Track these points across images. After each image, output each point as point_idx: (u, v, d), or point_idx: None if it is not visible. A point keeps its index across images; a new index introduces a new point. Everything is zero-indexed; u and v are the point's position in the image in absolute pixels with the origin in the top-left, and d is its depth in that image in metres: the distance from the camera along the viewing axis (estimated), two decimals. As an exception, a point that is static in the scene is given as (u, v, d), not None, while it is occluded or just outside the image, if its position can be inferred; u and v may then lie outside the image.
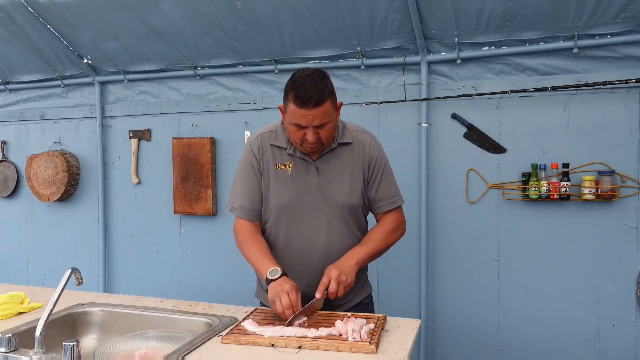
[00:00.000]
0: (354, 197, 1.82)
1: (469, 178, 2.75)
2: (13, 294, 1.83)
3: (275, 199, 1.83)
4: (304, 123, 1.66)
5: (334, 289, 1.62)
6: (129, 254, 3.52)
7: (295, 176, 1.81)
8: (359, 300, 1.94)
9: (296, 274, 1.79)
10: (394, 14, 2.56)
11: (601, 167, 2.52)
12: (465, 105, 2.74)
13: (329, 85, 1.67)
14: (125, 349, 1.48)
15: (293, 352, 1.39)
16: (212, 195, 3.23)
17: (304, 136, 1.69)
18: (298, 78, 1.66)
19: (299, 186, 1.81)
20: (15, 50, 3.39)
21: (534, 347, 2.66)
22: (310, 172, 1.81)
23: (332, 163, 1.81)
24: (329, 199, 1.80)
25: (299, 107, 1.63)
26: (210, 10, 2.76)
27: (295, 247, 1.83)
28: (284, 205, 1.81)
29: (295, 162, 1.82)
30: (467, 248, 2.76)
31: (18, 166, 3.80)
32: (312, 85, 1.62)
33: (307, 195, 1.80)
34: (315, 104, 1.62)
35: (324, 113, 1.65)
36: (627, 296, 2.52)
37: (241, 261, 3.19)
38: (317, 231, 1.81)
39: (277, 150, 1.84)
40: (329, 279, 1.65)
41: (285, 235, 1.84)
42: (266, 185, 1.85)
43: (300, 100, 1.62)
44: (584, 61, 2.53)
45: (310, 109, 1.62)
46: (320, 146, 1.74)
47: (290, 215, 1.82)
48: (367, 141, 1.85)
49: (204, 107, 3.27)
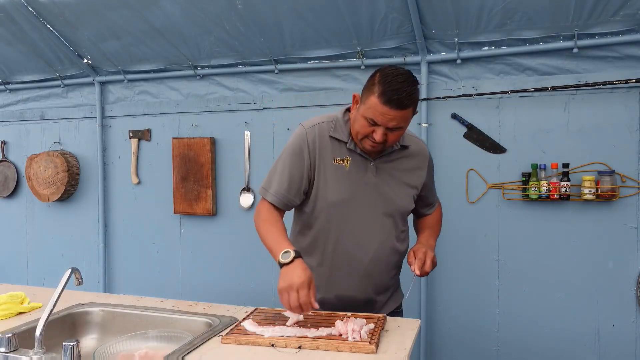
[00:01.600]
0: (407, 203, 1.81)
1: (469, 178, 2.75)
2: (13, 294, 1.83)
3: (330, 194, 1.71)
4: (379, 121, 1.58)
5: (429, 268, 1.67)
6: (129, 254, 3.52)
7: (353, 173, 1.72)
8: (394, 307, 1.91)
9: (345, 276, 1.74)
10: (394, 14, 2.56)
11: (601, 167, 2.52)
12: (465, 105, 2.74)
13: (418, 92, 1.61)
14: (125, 349, 1.48)
15: (293, 352, 1.39)
16: (212, 195, 3.23)
17: (372, 133, 1.61)
18: (390, 74, 1.57)
19: (355, 184, 1.72)
20: (15, 50, 3.39)
21: (534, 347, 2.66)
22: (369, 171, 1.73)
23: (391, 165, 1.76)
24: (385, 199, 1.75)
25: (383, 104, 1.55)
26: (210, 8, 2.76)
27: (346, 246, 1.74)
28: (338, 202, 1.71)
29: (354, 158, 1.73)
30: (467, 248, 2.76)
31: (18, 166, 3.80)
32: (404, 86, 1.54)
33: (362, 194, 1.73)
34: (401, 106, 1.55)
35: (404, 117, 1.59)
36: (627, 296, 2.52)
37: (241, 261, 3.22)
38: (370, 232, 1.74)
39: (337, 144, 1.73)
40: (424, 256, 1.69)
41: (336, 233, 1.73)
42: (320, 179, 1.72)
43: (387, 97, 1.54)
44: (584, 61, 2.53)
45: (394, 109, 1.55)
46: (382, 148, 1.67)
47: (343, 213, 1.72)
48: (424, 151, 1.86)
49: (204, 107, 3.27)
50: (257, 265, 3.17)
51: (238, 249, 3.22)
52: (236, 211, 3.22)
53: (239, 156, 3.20)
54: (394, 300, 1.91)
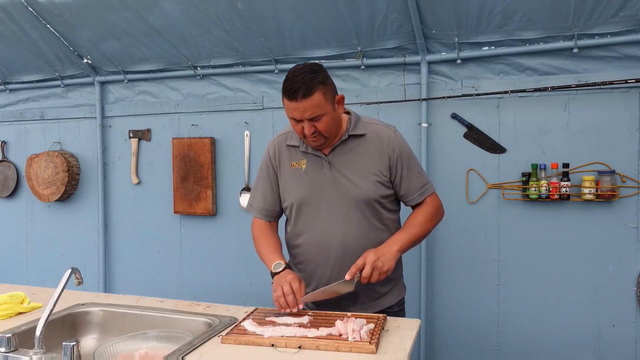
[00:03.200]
0: (369, 191, 1.77)
1: (469, 178, 2.75)
2: (13, 294, 1.83)
3: (291, 196, 1.85)
4: (296, 116, 1.67)
5: (367, 274, 1.60)
6: (129, 254, 3.52)
7: (310, 172, 1.82)
8: (390, 304, 1.88)
9: (315, 271, 1.79)
10: (394, 14, 2.56)
11: (601, 167, 2.52)
12: (465, 105, 2.74)
13: (320, 77, 1.66)
14: (125, 349, 1.48)
15: (293, 352, 1.39)
16: (212, 195, 3.23)
17: (303, 129, 1.70)
18: (290, 72, 1.68)
19: (313, 182, 1.81)
20: (15, 50, 3.39)
21: (534, 347, 2.66)
22: (324, 167, 1.80)
23: (345, 156, 1.80)
24: (343, 192, 1.78)
25: (289, 100, 1.66)
26: (210, 8, 2.76)
27: (313, 243, 1.82)
28: (300, 202, 1.82)
29: (309, 159, 1.83)
30: (467, 248, 2.76)
31: (18, 166, 3.80)
32: (299, 78, 1.63)
33: (322, 191, 1.80)
34: (302, 96, 1.63)
35: (314, 105, 1.64)
36: (627, 296, 2.52)
37: (241, 261, 3.22)
38: (334, 226, 1.78)
39: (293, 150, 1.87)
40: (364, 262, 1.63)
41: (303, 232, 1.84)
42: (283, 185, 1.87)
43: (286, 92, 1.65)
44: (584, 61, 2.53)
45: (299, 101, 1.64)
46: (323, 139, 1.73)
47: (307, 212, 1.82)
48: (384, 134, 1.81)
49: (204, 107, 3.27)
50: (257, 265, 3.13)
51: (238, 249, 3.21)
52: (236, 211, 3.22)
53: (239, 156, 3.20)
54: (390, 296, 1.89)
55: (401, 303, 1.96)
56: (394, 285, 1.91)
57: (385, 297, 1.87)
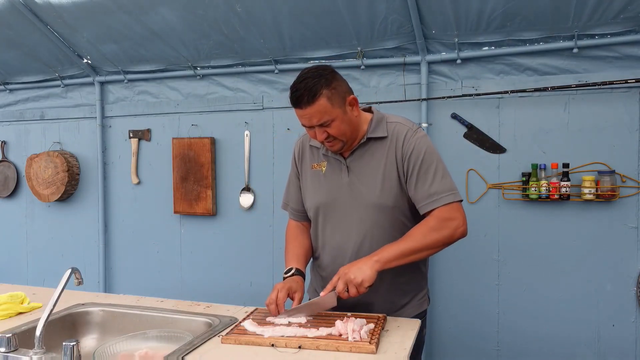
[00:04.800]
0: (385, 197, 1.67)
1: (469, 178, 2.75)
2: (13, 294, 1.83)
3: (311, 199, 1.81)
4: (305, 123, 1.64)
5: (340, 288, 1.51)
6: (129, 254, 3.52)
7: (329, 176, 1.76)
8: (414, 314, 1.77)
9: (331, 277, 1.67)
10: (393, 14, 2.55)
11: (601, 167, 2.52)
12: (465, 105, 2.74)
13: (323, 81, 1.58)
14: (125, 349, 1.48)
15: (293, 352, 1.39)
16: (212, 195, 3.23)
17: (315, 135, 1.66)
18: (297, 77, 1.63)
19: (331, 186, 1.75)
20: (15, 51, 3.39)
21: (534, 347, 2.66)
22: (342, 172, 1.74)
23: (364, 160, 1.71)
24: (359, 198, 1.70)
25: (295, 108, 1.63)
26: (209, 14, 2.76)
27: (329, 249, 1.78)
28: (318, 206, 1.78)
29: (329, 161, 1.77)
30: (467, 248, 2.76)
31: (18, 166, 3.80)
32: (303, 85, 1.58)
33: (339, 195, 1.74)
34: (306, 103, 1.58)
35: (320, 112, 1.58)
36: (627, 296, 2.52)
37: (241, 261, 3.22)
38: (348, 233, 1.73)
39: (315, 151, 1.82)
40: (337, 277, 1.54)
41: (321, 237, 1.81)
42: (304, 187, 1.85)
43: (292, 100, 1.62)
44: (584, 61, 2.53)
45: (303, 108, 1.59)
46: (340, 143, 1.66)
47: (325, 216, 1.78)
48: (402, 133, 1.68)
49: (204, 107, 3.27)
50: (257, 265, 3.17)
51: (238, 249, 3.22)
52: (236, 211, 3.22)
53: (239, 156, 3.20)
54: (412, 306, 1.78)
55: (421, 315, 1.80)
56: (413, 297, 1.79)
57: (404, 308, 1.77)
